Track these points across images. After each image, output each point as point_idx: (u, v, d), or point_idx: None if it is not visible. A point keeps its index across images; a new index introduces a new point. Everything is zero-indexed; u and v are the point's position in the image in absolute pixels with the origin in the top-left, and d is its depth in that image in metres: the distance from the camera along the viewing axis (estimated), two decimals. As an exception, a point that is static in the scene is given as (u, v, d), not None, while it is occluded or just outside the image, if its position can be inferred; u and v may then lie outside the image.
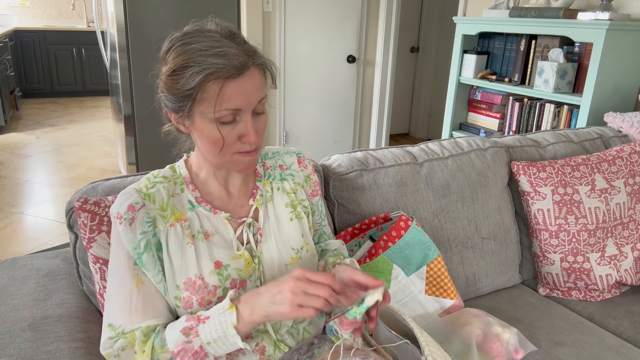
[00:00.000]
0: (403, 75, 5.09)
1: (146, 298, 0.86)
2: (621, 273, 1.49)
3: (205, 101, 0.81)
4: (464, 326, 1.17)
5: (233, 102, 0.81)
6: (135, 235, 0.85)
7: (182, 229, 0.88)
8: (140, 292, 0.85)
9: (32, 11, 6.57)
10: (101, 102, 6.43)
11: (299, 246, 0.98)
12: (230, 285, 0.89)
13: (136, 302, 0.85)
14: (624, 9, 2.21)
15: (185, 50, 0.81)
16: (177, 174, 0.94)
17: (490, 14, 2.56)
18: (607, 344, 1.29)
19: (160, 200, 0.89)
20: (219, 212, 0.92)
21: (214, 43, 0.81)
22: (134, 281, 0.85)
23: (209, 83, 0.80)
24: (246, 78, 0.82)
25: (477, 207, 1.48)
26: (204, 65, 0.79)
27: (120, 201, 0.87)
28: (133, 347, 0.84)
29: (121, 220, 0.85)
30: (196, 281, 0.87)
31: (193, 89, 0.80)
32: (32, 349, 0.95)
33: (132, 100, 3.30)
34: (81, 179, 3.73)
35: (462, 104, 2.77)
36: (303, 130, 3.79)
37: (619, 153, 1.60)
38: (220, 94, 0.80)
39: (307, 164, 1.06)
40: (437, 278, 1.26)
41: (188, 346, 0.82)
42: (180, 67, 0.81)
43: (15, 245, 2.73)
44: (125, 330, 0.84)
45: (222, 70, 0.79)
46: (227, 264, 0.90)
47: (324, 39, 3.62)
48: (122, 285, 0.86)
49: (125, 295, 0.85)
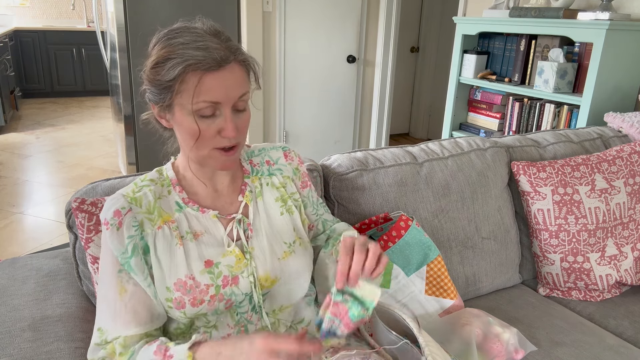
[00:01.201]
0: (403, 75, 5.09)
1: (128, 307, 0.86)
2: (621, 273, 1.49)
3: (185, 93, 0.82)
4: (464, 326, 1.17)
5: (211, 95, 0.82)
6: (123, 239, 0.86)
7: (170, 230, 0.89)
8: (123, 300, 0.86)
9: (32, 11, 6.57)
10: (101, 102, 6.43)
11: (291, 240, 0.98)
12: (223, 282, 0.89)
13: (119, 310, 0.86)
14: (624, 9, 2.21)
15: (169, 44, 0.83)
16: (164, 177, 0.95)
17: (490, 14, 2.56)
18: (607, 344, 1.29)
19: (147, 203, 0.90)
20: (207, 210, 0.93)
21: (196, 38, 0.83)
22: (117, 289, 0.86)
23: (188, 74, 0.81)
24: (226, 72, 0.83)
25: (477, 207, 1.48)
26: (184, 57, 0.81)
27: (107, 206, 0.88)
28: (113, 358, 0.86)
29: (108, 226, 0.86)
30: (187, 281, 0.87)
31: (173, 80, 0.82)
32: (32, 349, 0.95)
33: (132, 100, 3.30)
34: (81, 179, 3.73)
35: (462, 104, 2.77)
36: (303, 130, 3.79)
37: (619, 153, 1.60)
38: (199, 86, 0.81)
39: (293, 157, 1.06)
40: (437, 278, 1.26)
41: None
42: (162, 59, 0.83)
43: (15, 245, 2.73)
44: (107, 338, 0.86)
45: (202, 62, 0.81)
46: (218, 262, 0.90)
47: (324, 39, 3.62)
48: (108, 291, 0.87)
49: (109, 301, 0.87)
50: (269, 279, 0.93)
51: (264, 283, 0.93)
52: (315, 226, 1.09)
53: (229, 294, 0.90)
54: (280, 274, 0.94)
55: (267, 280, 0.93)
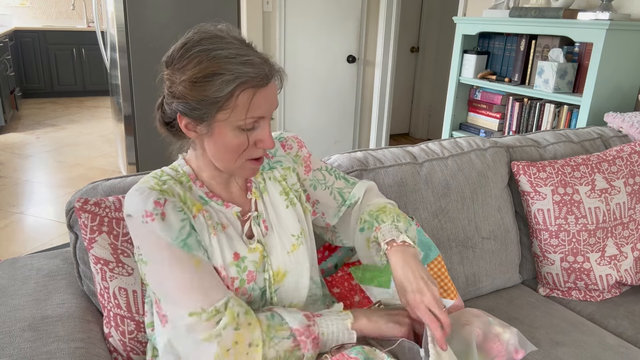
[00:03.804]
0: (403, 75, 5.09)
1: (212, 275, 0.86)
2: (621, 273, 1.49)
3: (235, 109, 0.81)
4: (464, 326, 1.17)
5: (260, 111, 0.83)
6: (174, 225, 0.84)
7: (204, 219, 0.89)
8: (204, 270, 0.85)
9: (32, 11, 6.57)
10: (101, 102, 6.43)
11: (297, 232, 0.98)
12: (247, 277, 0.90)
13: (207, 280, 0.85)
14: (624, 9, 2.21)
15: (211, 57, 0.80)
16: (181, 173, 0.94)
17: (490, 14, 2.56)
18: (607, 344, 1.29)
19: (178, 194, 0.89)
20: (231, 205, 0.93)
21: (239, 51, 0.81)
22: (192, 263, 0.84)
23: (241, 91, 0.80)
24: (272, 87, 0.84)
25: (477, 207, 1.48)
26: (236, 74, 0.79)
27: (140, 199, 0.84)
28: (233, 323, 0.83)
29: (153, 217, 0.83)
30: (220, 271, 0.88)
31: (223, 96, 0.80)
32: (32, 349, 0.95)
33: (132, 100, 3.30)
34: (81, 179, 3.73)
35: (462, 104, 2.77)
36: (303, 130, 3.79)
37: (619, 153, 1.60)
38: (252, 103, 0.81)
39: (291, 144, 1.06)
40: (437, 278, 1.26)
41: (310, 329, 0.87)
42: (209, 74, 0.80)
43: (15, 245, 2.73)
44: (217, 307, 0.83)
45: (255, 80, 0.80)
46: (244, 256, 0.91)
47: (324, 39, 3.62)
48: (181, 273, 0.83)
49: (188, 281, 0.83)
50: (280, 272, 0.94)
51: (276, 278, 0.94)
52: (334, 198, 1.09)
53: (250, 289, 0.91)
54: (289, 267, 0.95)
55: (279, 275, 0.94)
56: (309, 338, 0.86)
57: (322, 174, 1.09)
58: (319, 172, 1.09)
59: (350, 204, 1.09)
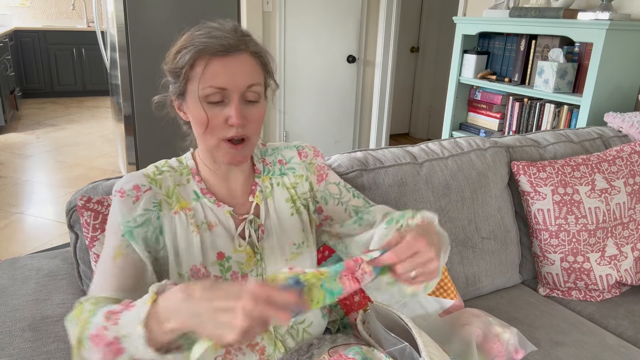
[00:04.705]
0: (403, 75, 5.09)
1: (117, 270, 0.83)
2: (621, 273, 1.49)
3: (194, 79, 0.84)
4: (464, 326, 1.17)
5: (217, 80, 0.83)
6: (134, 210, 0.85)
7: (186, 217, 0.90)
8: (115, 263, 0.83)
9: (32, 11, 6.56)
10: (101, 102, 6.43)
11: (300, 241, 0.98)
12: (231, 277, 0.90)
13: (107, 274, 0.83)
14: (624, 9, 2.21)
15: (188, 37, 0.87)
16: (184, 165, 0.96)
17: (490, 14, 2.56)
18: (607, 344, 1.29)
19: (167, 187, 0.91)
20: (222, 205, 0.93)
21: (213, 30, 0.85)
22: (113, 253, 0.84)
23: (197, 60, 0.84)
24: (234, 59, 0.84)
25: (477, 207, 1.48)
26: (196, 45, 0.83)
27: (127, 179, 0.89)
28: (78, 317, 0.75)
29: (123, 195, 0.86)
30: (200, 269, 0.88)
31: (184, 66, 0.84)
32: (32, 349, 0.95)
33: (132, 100, 3.30)
34: (81, 179, 3.73)
35: (462, 104, 2.77)
36: (303, 130, 3.79)
37: (619, 153, 1.60)
38: (206, 69, 0.83)
39: (307, 153, 1.05)
40: (437, 278, 1.26)
41: (103, 333, 0.68)
42: (179, 48, 0.86)
43: (15, 245, 2.73)
44: (81, 299, 0.79)
45: (212, 49, 0.83)
46: (229, 256, 0.91)
47: (324, 39, 3.62)
48: (105, 256, 0.85)
49: (102, 267, 0.84)
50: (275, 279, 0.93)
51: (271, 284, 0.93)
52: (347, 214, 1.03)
53: None
54: None
55: (274, 281, 0.93)
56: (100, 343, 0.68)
57: (338, 189, 1.05)
58: (335, 186, 1.05)
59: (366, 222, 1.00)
